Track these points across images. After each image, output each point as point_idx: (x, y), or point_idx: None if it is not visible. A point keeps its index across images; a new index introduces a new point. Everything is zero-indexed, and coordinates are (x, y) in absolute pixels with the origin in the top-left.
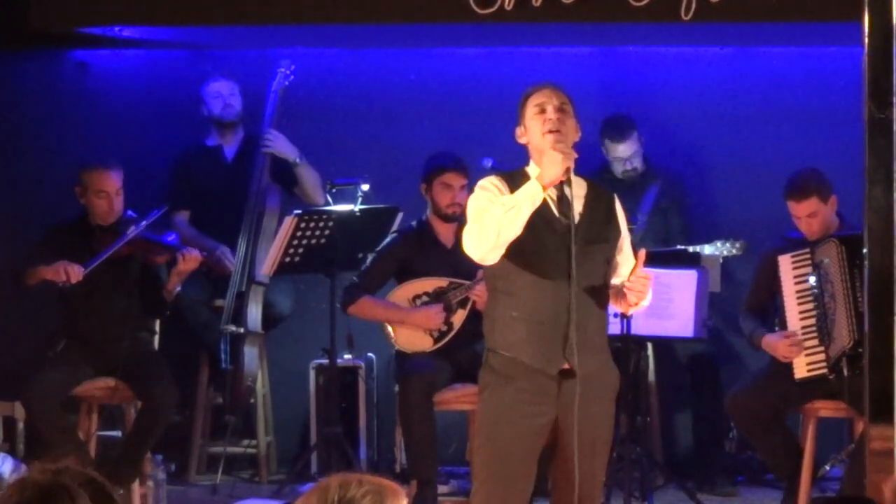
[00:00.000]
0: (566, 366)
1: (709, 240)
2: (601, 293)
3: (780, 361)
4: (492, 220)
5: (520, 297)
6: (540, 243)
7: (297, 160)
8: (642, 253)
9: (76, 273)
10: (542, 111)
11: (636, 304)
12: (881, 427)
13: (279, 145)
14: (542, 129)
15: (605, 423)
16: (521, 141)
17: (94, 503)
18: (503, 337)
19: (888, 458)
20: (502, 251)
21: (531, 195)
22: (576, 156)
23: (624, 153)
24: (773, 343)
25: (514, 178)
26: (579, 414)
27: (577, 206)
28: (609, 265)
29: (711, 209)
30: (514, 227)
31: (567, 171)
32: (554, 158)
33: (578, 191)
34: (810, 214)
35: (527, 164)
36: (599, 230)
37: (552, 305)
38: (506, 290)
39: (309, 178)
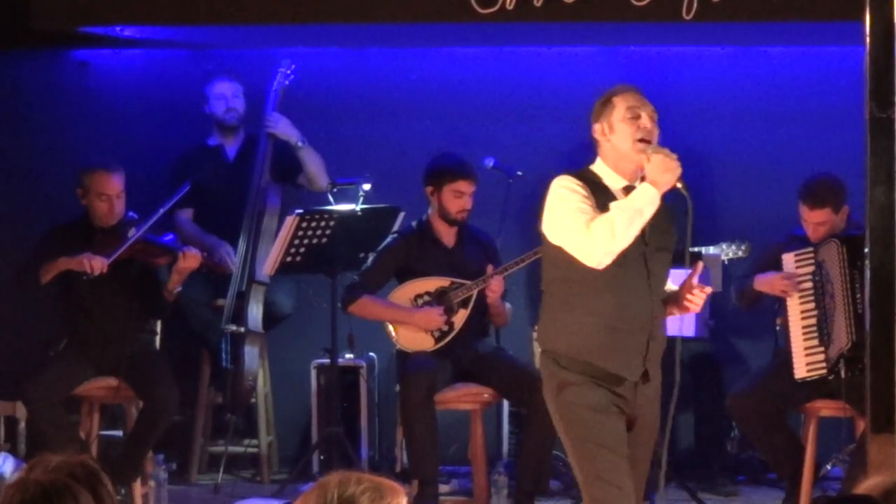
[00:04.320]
0: (644, 371)
1: (712, 241)
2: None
3: (780, 361)
4: (614, 225)
5: (599, 301)
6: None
7: (300, 143)
8: (699, 265)
9: (99, 264)
10: (637, 117)
11: (684, 313)
12: (882, 426)
13: (281, 127)
14: (633, 135)
15: (657, 428)
16: (600, 138)
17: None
18: (577, 342)
19: (889, 457)
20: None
21: (651, 199)
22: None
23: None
24: (769, 279)
25: (586, 177)
26: (650, 416)
27: None
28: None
29: (713, 209)
30: (636, 232)
31: (680, 177)
32: (669, 165)
33: None
34: (820, 223)
35: (591, 162)
36: (664, 236)
37: (634, 312)
38: (579, 294)
39: (312, 161)
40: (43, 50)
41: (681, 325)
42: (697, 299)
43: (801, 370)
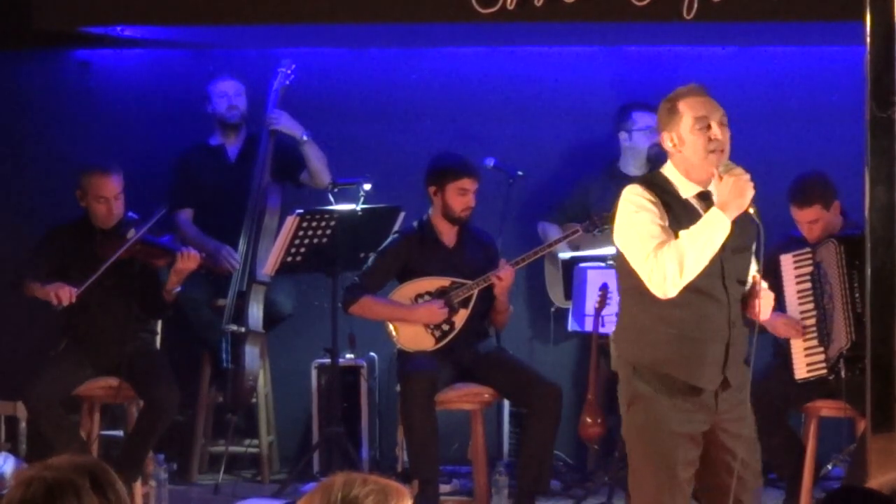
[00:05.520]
0: (723, 379)
1: None
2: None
3: (781, 361)
4: (685, 256)
5: (675, 310)
6: None
7: (304, 137)
8: (756, 277)
9: (67, 295)
10: (707, 127)
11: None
12: (882, 426)
13: (284, 122)
14: (705, 147)
15: (752, 421)
16: (670, 149)
17: (94, 491)
18: (654, 351)
19: (889, 457)
20: None
21: (721, 227)
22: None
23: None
24: (772, 322)
25: (657, 184)
26: (736, 421)
27: None
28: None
29: None
30: (706, 261)
31: (752, 200)
32: (741, 188)
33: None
34: (812, 221)
35: (661, 166)
36: (742, 236)
37: (713, 319)
38: (656, 303)
39: (316, 156)
40: (44, 50)
41: None
42: (765, 304)
43: (801, 371)
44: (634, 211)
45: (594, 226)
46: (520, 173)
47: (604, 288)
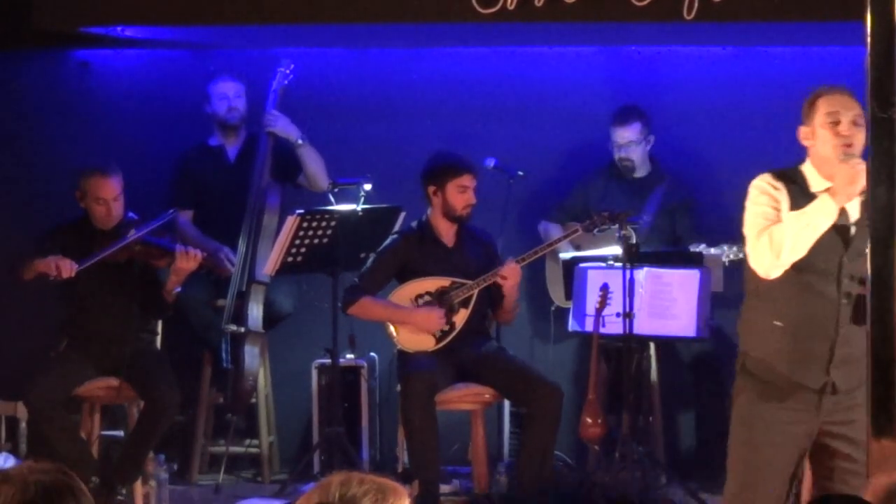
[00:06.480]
0: (828, 380)
1: (714, 241)
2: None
3: None
4: (784, 236)
5: (785, 305)
6: (813, 251)
7: (300, 140)
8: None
9: (67, 268)
10: (836, 122)
11: None
12: (882, 426)
13: (281, 125)
14: (833, 142)
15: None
16: (805, 143)
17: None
18: (763, 344)
19: (889, 458)
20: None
21: (827, 213)
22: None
23: (621, 138)
24: None
25: (789, 176)
26: (848, 424)
27: (854, 212)
28: None
29: (714, 209)
30: (807, 245)
31: (863, 190)
32: (851, 177)
33: None
34: None
35: (801, 161)
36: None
37: (820, 317)
38: (769, 296)
39: (312, 159)
40: (44, 50)
41: (682, 325)
42: None
43: None
44: (755, 196)
45: (594, 225)
46: (520, 173)
47: (604, 288)
